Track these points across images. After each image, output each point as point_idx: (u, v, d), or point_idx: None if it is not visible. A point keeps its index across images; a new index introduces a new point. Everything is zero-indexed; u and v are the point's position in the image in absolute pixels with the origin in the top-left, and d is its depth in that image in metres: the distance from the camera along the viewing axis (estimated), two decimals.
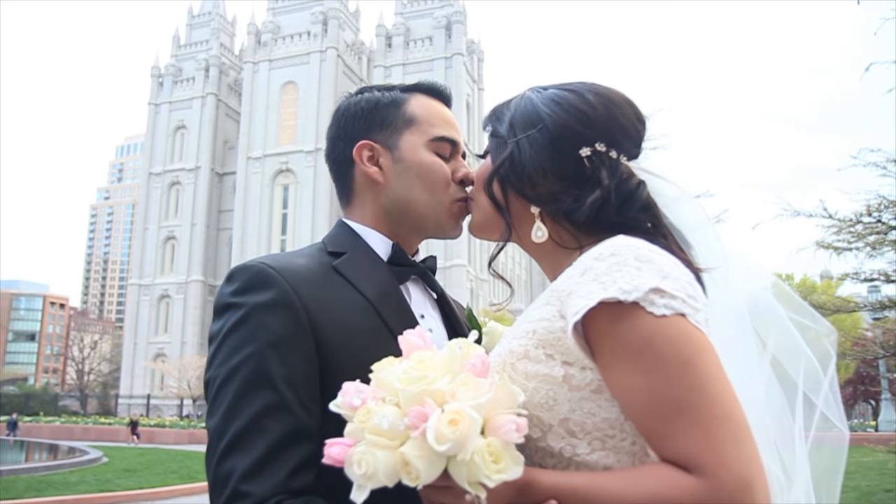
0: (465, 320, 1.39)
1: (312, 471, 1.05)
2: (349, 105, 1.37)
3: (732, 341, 1.08)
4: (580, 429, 1.00)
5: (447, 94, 1.41)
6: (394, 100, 1.35)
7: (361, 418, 0.93)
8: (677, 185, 1.17)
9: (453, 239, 1.38)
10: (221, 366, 1.10)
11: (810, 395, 1.11)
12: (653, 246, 1.02)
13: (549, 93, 1.19)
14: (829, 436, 1.12)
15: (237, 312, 1.12)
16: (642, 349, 0.94)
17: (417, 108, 1.34)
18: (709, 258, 1.12)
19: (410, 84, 1.39)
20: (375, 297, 1.22)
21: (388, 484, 0.89)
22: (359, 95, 1.38)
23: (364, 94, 1.38)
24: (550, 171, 1.13)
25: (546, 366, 1.01)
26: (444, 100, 1.40)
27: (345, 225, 1.35)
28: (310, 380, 1.10)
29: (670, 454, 0.93)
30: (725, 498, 0.88)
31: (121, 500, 14.02)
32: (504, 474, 0.88)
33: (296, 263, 1.21)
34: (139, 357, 73.14)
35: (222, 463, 1.04)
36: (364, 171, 1.32)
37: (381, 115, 1.33)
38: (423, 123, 1.33)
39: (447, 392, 0.92)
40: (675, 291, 0.96)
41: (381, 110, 1.34)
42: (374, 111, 1.34)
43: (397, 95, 1.36)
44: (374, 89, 1.38)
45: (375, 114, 1.34)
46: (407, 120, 1.33)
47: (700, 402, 0.91)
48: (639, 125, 1.19)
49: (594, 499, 0.93)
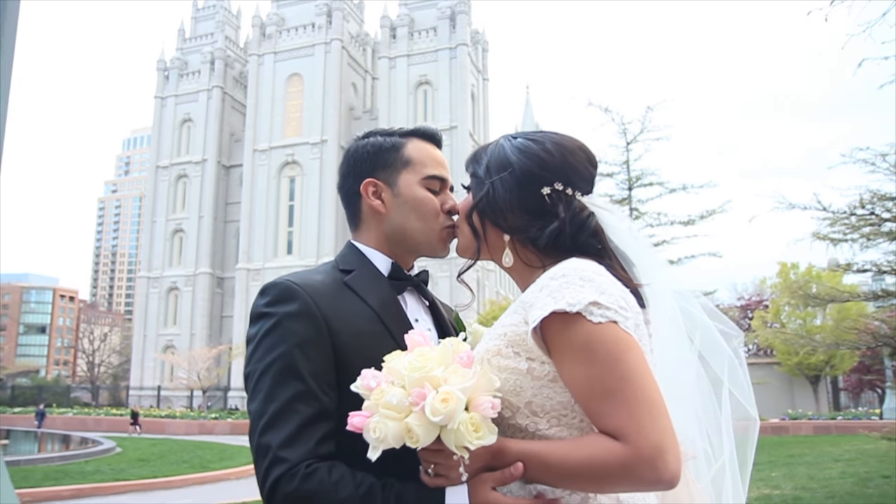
0: (453, 322, 1.70)
1: (333, 442, 1.33)
2: (357, 147, 1.67)
3: (670, 339, 1.40)
4: (541, 409, 1.28)
5: (438, 137, 1.71)
6: (393, 144, 1.64)
7: (376, 396, 1.22)
8: (620, 215, 1.46)
9: (442, 258, 1.66)
10: (259, 362, 1.38)
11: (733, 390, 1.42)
12: (596, 267, 1.29)
13: (518, 142, 1.47)
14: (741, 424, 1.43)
15: (270, 320, 1.41)
16: (583, 348, 1.21)
17: (413, 152, 1.64)
18: (648, 274, 1.41)
19: (408, 130, 1.68)
20: (378, 307, 1.51)
21: (396, 446, 1.19)
22: (365, 139, 1.67)
23: (369, 138, 1.67)
24: (518, 207, 1.42)
25: (514, 360, 1.29)
26: (436, 142, 1.70)
27: (353, 246, 1.65)
28: (328, 372, 1.39)
29: (604, 427, 1.20)
30: (643, 459, 1.15)
31: (135, 489, 14.31)
32: (482, 440, 1.19)
33: (315, 280, 1.50)
34: (149, 349, 73.51)
35: (263, 437, 1.31)
36: (369, 203, 1.62)
37: (384, 158, 1.63)
38: (418, 164, 1.63)
39: (441, 378, 1.21)
40: (610, 304, 1.22)
41: (384, 153, 1.63)
42: (377, 154, 1.64)
43: (397, 140, 1.65)
44: (378, 134, 1.67)
45: (378, 156, 1.63)
46: (404, 161, 1.62)
47: (626, 388, 1.18)
48: (590, 167, 1.48)
49: (549, 460, 1.22)
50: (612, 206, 1.48)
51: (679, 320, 1.41)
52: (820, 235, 8.83)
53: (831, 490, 10.87)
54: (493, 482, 1.23)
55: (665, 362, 1.39)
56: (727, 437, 1.41)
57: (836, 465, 14.55)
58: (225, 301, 74.72)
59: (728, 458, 1.41)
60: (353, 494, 1.25)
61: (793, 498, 9.91)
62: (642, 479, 1.16)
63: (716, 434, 1.42)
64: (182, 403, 60.79)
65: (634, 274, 1.41)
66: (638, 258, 1.43)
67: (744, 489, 1.41)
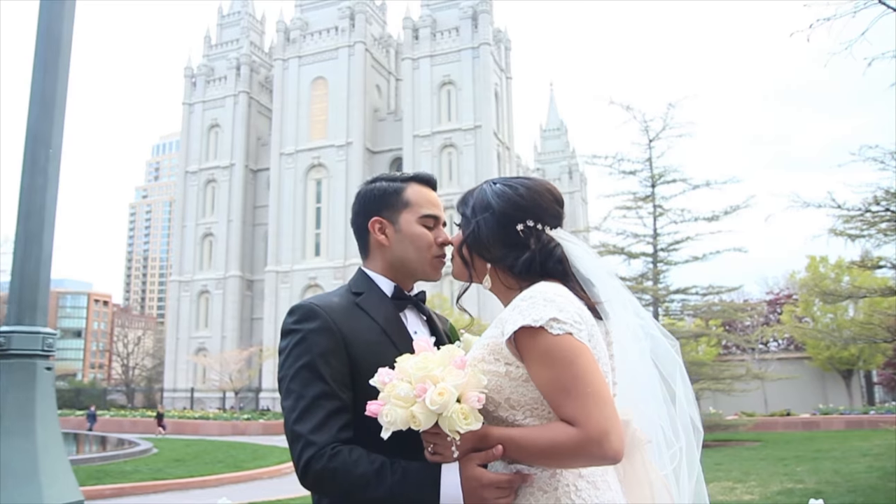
0: (447, 331, 2.05)
1: (351, 430, 1.68)
2: (366, 191, 2.01)
3: (629, 346, 1.72)
4: (517, 404, 1.60)
5: (434, 181, 2.05)
6: (396, 189, 1.98)
7: (388, 389, 1.55)
8: (583, 245, 1.78)
9: (434, 282, 2.02)
10: (289, 368, 1.74)
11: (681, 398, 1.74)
12: (558, 289, 1.62)
13: (497, 187, 1.81)
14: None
15: (297, 335, 1.76)
16: (545, 354, 1.53)
17: (412, 195, 1.98)
18: (606, 292, 1.72)
19: (409, 175, 2.01)
20: (384, 322, 1.87)
21: (403, 428, 1.52)
22: (373, 184, 2.01)
23: (376, 183, 2.01)
24: (498, 241, 1.75)
25: (495, 365, 1.61)
26: (432, 186, 2.04)
27: (363, 272, 1.99)
28: (345, 376, 1.73)
29: (563, 416, 1.50)
30: (591, 439, 1.44)
31: (173, 488, 14.69)
32: (470, 426, 1.51)
33: (332, 302, 1.86)
34: (181, 351, 74.43)
35: (295, 426, 1.66)
36: (376, 238, 1.97)
37: (388, 200, 1.97)
38: (416, 205, 1.97)
39: (439, 376, 1.53)
40: (566, 319, 1.53)
41: (388, 196, 1.97)
42: (382, 197, 1.98)
43: (398, 185, 1.99)
44: (383, 180, 2.01)
45: (383, 199, 1.98)
46: (404, 203, 1.97)
47: (578, 385, 1.49)
48: (556, 206, 1.80)
49: (521, 443, 1.54)
50: (574, 237, 1.79)
51: (637, 331, 1.73)
52: (837, 231, 8.92)
53: (855, 484, 10.92)
54: (479, 460, 1.56)
55: (626, 363, 1.71)
56: (681, 428, 1.71)
57: (863, 460, 14.52)
58: (255, 303, 75.50)
59: (685, 445, 1.70)
60: (369, 469, 1.58)
61: (815, 491, 9.98)
62: (592, 455, 1.46)
63: (671, 425, 1.72)
64: (214, 405, 61.61)
65: (594, 293, 1.72)
66: (597, 280, 1.73)
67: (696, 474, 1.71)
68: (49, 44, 3.38)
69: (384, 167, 73.03)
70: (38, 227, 3.28)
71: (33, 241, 3.26)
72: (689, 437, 1.71)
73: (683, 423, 1.71)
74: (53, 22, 3.40)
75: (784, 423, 29.10)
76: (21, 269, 3.22)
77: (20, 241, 3.26)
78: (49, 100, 3.37)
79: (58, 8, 3.39)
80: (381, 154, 73.55)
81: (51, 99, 3.37)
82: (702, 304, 25.82)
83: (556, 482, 1.56)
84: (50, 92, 3.37)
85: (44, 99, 3.36)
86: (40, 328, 3.20)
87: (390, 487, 1.56)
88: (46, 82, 3.37)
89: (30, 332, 3.15)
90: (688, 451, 1.70)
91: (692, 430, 1.72)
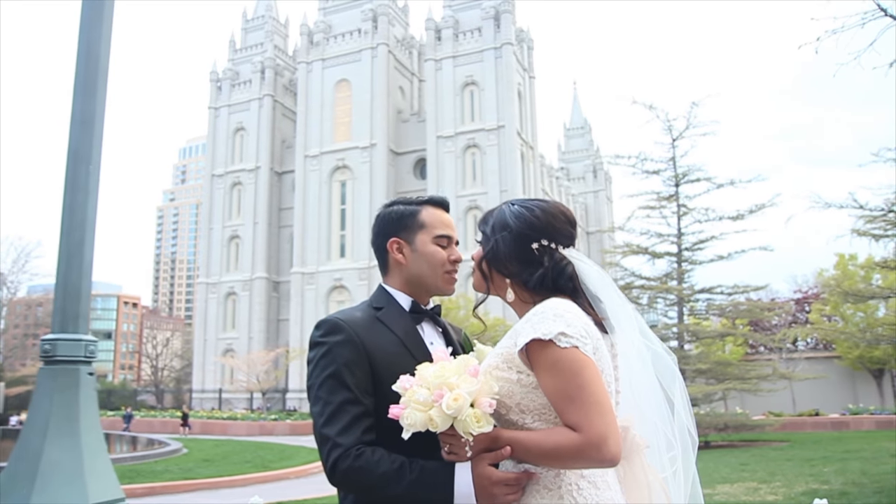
0: (461, 341, 2.20)
1: (373, 433, 1.83)
2: (385, 214, 2.16)
3: (633, 358, 1.86)
4: (527, 409, 1.74)
5: (446, 204, 2.19)
6: (412, 212, 2.14)
7: (409, 395, 1.70)
8: (592, 264, 1.91)
9: (448, 296, 2.17)
10: (317, 377, 1.90)
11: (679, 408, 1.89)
12: (568, 306, 1.76)
13: (514, 209, 1.95)
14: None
15: (324, 347, 1.93)
16: (553, 365, 1.67)
17: (426, 217, 2.13)
18: (613, 308, 1.87)
19: (423, 199, 2.17)
20: (402, 335, 2.02)
21: (421, 430, 1.67)
22: (390, 207, 2.17)
23: (394, 206, 2.17)
24: (514, 258, 1.90)
25: (507, 373, 1.75)
26: (445, 208, 2.18)
27: (382, 289, 2.15)
28: (367, 384, 1.89)
29: (567, 421, 1.64)
30: (591, 444, 1.59)
31: (202, 488, 14.98)
32: (483, 428, 1.65)
33: (355, 316, 2.01)
34: (209, 353, 75.22)
35: (323, 429, 1.82)
36: (394, 257, 2.12)
37: (405, 222, 2.13)
38: (430, 227, 2.12)
39: (455, 384, 1.68)
40: (573, 334, 1.67)
41: (405, 219, 2.13)
42: (400, 219, 2.13)
43: (414, 208, 2.14)
44: (400, 204, 2.17)
45: (401, 221, 2.13)
46: (420, 224, 2.12)
47: (581, 394, 1.63)
48: (569, 227, 1.94)
49: (528, 445, 1.68)
50: (585, 256, 1.93)
51: (640, 345, 1.87)
52: (860, 232, 8.91)
53: (882, 485, 10.85)
54: (490, 460, 1.71)
55: (630, 374, 1.85)
56: (678, 435, 1.86)
57: (892, 461, 14.34)
58: (281, 304, 76.14)
59: (681, 451, 1.85)
60: (390, 468, 1.75)
61: (840, 493, 9.97)
62: (591, 458, 1.61)
63: (672, 427, 1.87)
64: (242, 405, 62.21)
65: (602, 309, 1.86)
66: (605, 297, 1.87)
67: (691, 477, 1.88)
68: (88, 67, 3.56)
69: (408, 168, 73.33)
70: (79, 240, 3.46)
71: (75, 254, 3.45)
72: (686, 444, 1.85)
73: (681, 432, 1.86)
74: (92, 46, 3.58)
75: (813, 423, 28.84)
76: (64, 280, 3.41)
77: (63, 254, 3.45)
78: (88, 120, 3.55)
79: (96, 33, 3.57)
80: (404, 155, 73.83)
81: (90, 119, 3.56)
82: (727, 304, 25.71)
83: (560, 481, 1.70)
84: (89, 112, 3.56)
85: (83, 119, 3.55)
86: (82, 336, 3.40)
87: (409, 484, 1.72)
88: (86, 103, 3.56)
89: (73, 339, 3.34)
90: (683, 456, 1.84)
91: (688, 437, 1.87)
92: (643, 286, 25.66)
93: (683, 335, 25.03)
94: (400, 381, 1.75)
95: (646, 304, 27.02)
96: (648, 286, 25.54)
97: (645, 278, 26.06)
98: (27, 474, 3.04)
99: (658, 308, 26.85)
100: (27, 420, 3.32)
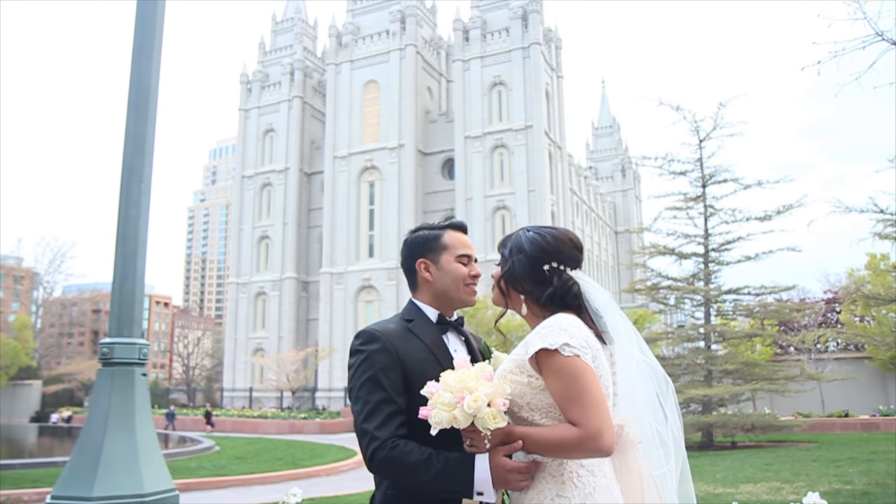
0: (482, 349, 2.50)
1: (405, 428, 2.13)
2: (413, 238, 2.47)
3: (631, 367, 2.14)
4: (536, 408, 2.03)
5: (465, 227, 2.50)
6: (435, 235, 2.44)
7: (435, 398, 1.98)
8: (595, 284, 2.21)
9: (470, 307, 2.46)
10: (357, 380, 2.20)
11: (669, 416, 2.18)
12: (572, 320, 2.05)
13: (529, 235, 2.24)
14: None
15: (363, 354, 2.23)
16: (558, 371, 1.96)
17: (449, 239, 2.43)
18: (612, 322, 2.15)
19: (445, 224, 2.47)
20: (430, 344, 2.33)
21: (447, 427, 1.95)
22: (417, 232, 2.48)
23: (420, 232, 2.48)
24: (528, 277, 2.20)
25: (520, 376, 2.04)
26: (464, 230, 2.49)
27: (413, 303, 2.45)
28: (400, 385, 2.19)
29: (569, 418, 1.94)
30: (589, 437, 1.87)
31: (235, 485, 15.28)
32: (498, 424, 1.94)
33: (390, 327, 2.31)
34: (240, 352, 76.12)
35: (363, 424, 2.12)
36: (422, 275, 2.43)
37: (430, 245, 2.43)
38: (452, 248, 2.43)
39: (474, 387, 1.95)
40: (575, 344, 1.96)
41: (430, 242, 2.44)
42: (425, 242, 2.44)
43: (437, 233, 2.44)
44: (425, 229, 2.47)
45: (426, 244, 2.44)
46: (443, 246, 2.42)
47: (581, 396, 1.92)
48: (577, 252, 2.24)
49: (536, 438, 1.97)
50: (589, 277, 2.23)
51: (636, 355, 2.16)
52: (882, 235, 8.98)
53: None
54: (505, 452, 2.01)
55: (628, 379, 2.14)
56: (669, 434, 2.15)
57: None
58: (310, 304, 76.86)
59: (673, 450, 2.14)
60: (420, 458, 2.04)
61: (862, 493, 10.05)
62: (589, 449, 1.90)
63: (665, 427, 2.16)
64: (272, 404, 62.98)
65: (602, 323, 2.15)
66: (605, 313, 2.16)
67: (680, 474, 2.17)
68: (140, 93, 3.89)
69: (436, 168, 73.62)
70: (132, 252, 3.78)
71: (129, 265, 3.77)
72: (678, 445, 2.15)
73: (672, 435, 2.15)
74: (143, 75, 3.91)
75: (842, 424, 28.59)
76: (120, 288, 3.73)
77: (118, 264, 3.77)
78: (140, 141, 3.88)
79: (147, 64, 3.90)
80: (432, 156, 74.14)
81: (142, 140, 3.88)
82: (755, 304, 25.62)
83: (563, 469, 2.00)
84: (141, 134, 3.88)
85: (136, 140, 3.87)
86: (136, 340, 3.71)
87: (436, 472, 2.01)
88: (138, 126, 3.88)
89: (128, 343, 3.66)
90: (676, 454, 2.14)
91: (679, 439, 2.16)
92: (670, 287, 25.68)
93: (710, 336, 25.00)
94: (427, 386, 2.02)
95: (673, 305, 27.04)
96: (675, 287, 25.54)
97: (672, 279, 26.07)
98: (89, 466, 3.36)
99: (685, 308, 26.83)
100: (88, 416, 3.65)
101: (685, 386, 23.52)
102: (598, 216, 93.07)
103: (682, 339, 26.58)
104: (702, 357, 24.64)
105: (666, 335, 27.58)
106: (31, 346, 69.47)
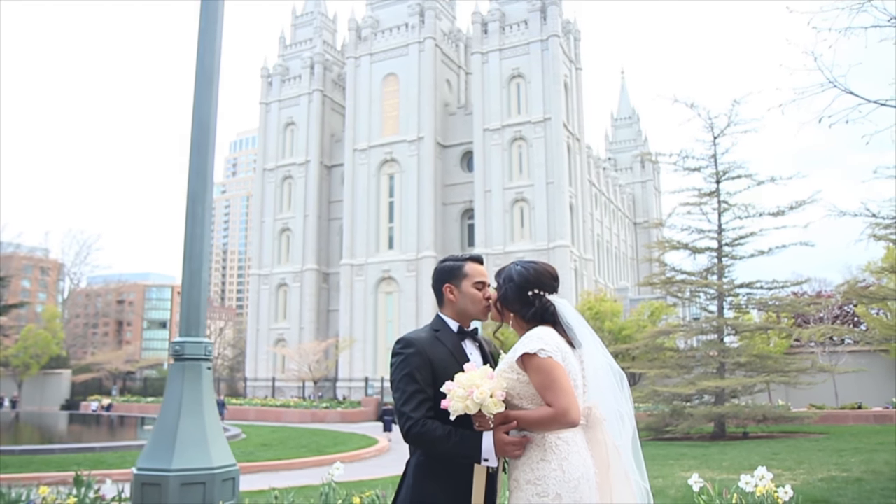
0: (493, 353, 3.20)
1: (432, 412, 2.79)
2: (441, 267, 3.16)
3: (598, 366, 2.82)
4: (524, 397, 2.71)
5: (482, 259, 3.18)
6: (459, 266, 3.12)
7: (452, 393, 2.66)
8: (567, 304, 2.90)
9: (483, 321, 3.12)
10: (397, 374, 2.87)
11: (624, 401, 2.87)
12: (548, 331, 2.73)
13: (518, 268, 2.95)
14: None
15: (402, 356, 2.91)
16: (536, 368, 2.65)
17: (469, 269, 3.11)
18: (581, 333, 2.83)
19: (466, 257, 3.15)
20: (452, 349, 3.02)
21: (462, 413, 2.64)
22: (444, 263, 3.16)
23: (446, 262, 3.15)
24: (517, 300, 2.90)
25: (511, 374, 2.73)
26: (481, 262, 3.16)
27: (439, 317, 3.13)
28: (429, 380, 2.86)
29: (546, 402, 2.64)
30: (559, 414, 2.57)
31: (263, 470, 15.92)
32: (499, 409, 2.64)
33: (422, 335, 3.01)
34: (261, 342, 77.19)
35: (402, 408, 2.79)
36: (448, 297, 3.11)
37: (454, 273, 3.12)
38: (471, 276, 3.10)
39: (480, 383, 2.64)
40: (549, 349, 2.67)
41: (454, 270, 3.12)
42: (451, 271, 3.12)
43: (460, 264, 3.12)
44: (450, 260, 3.15)
45: (451, 272, 3.12)
46: (464, 275, 3.10)
47: (553, 384, 2.62)
48: (553, 281, 2.94)
49: (525, 418, 2.67)
50: (563, 299, 2.93)
51: (600, 356, 2.85)
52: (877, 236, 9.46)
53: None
54: (504, 430, 2.71)
55: (596, 374, 2.82)
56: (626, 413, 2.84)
57: None
58: (331, 295, 77.76)
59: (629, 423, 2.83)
60: (443, 433, 2.73)
61: (855, 479, 10.59)
62: (560, 423, 2.61)
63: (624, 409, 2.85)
64: (293, 393, 64.02)
65: (573, 333, 2.85)
66: (575, 325, 2.86)
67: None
68: (201, 130, 4.59)
69: (455, 161, 74.13)
70: (198, 265, 4.49)
71: (195, 276, 4.48)
72: (631, 421, 2.84)
73: (628, 413, 2.84)
74: (203, 113, 4.61)
75: (854, 416, 29.00)
76: (188, 296, 4.45)
77: (186, 276, 4.49)
78: (202, 170, 4.58)
79: (206, 104, 4.59)
80: (451, 148, 74.63)
81: (203, 170, 4.58)
82: (769, 298, 26.05)
83: (544, 440, 2.68)
84: (202, 165, 4.59)
85: (198, 170, 4.58)
86: (202, 339, 4.43)
87: (454, 444, 2.71)
88: (199, 158, 4.59)
89: (196, 341, 4.38)
90: (631, 428, 2.83)
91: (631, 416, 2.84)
92: (684, 280, 26.18)
93: (723, 329, 25.49)
94: (446, 385, 2.71)
95: (687, 298, 27.53)
96: (689, 280, 26.04)
97: (686, 273, 26.56)
98: (168, 444, 4.09)
99: (699, 302, 27.32)
100: (164, 403, 4.38)
101: (698, 378, 24.06)
102: (616, 207, 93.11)
103: (695, 331, 27.08)
104: (715, 349, 25.13)
105: (680, 328, 28.09)
106: (60, 336, 71.04)
